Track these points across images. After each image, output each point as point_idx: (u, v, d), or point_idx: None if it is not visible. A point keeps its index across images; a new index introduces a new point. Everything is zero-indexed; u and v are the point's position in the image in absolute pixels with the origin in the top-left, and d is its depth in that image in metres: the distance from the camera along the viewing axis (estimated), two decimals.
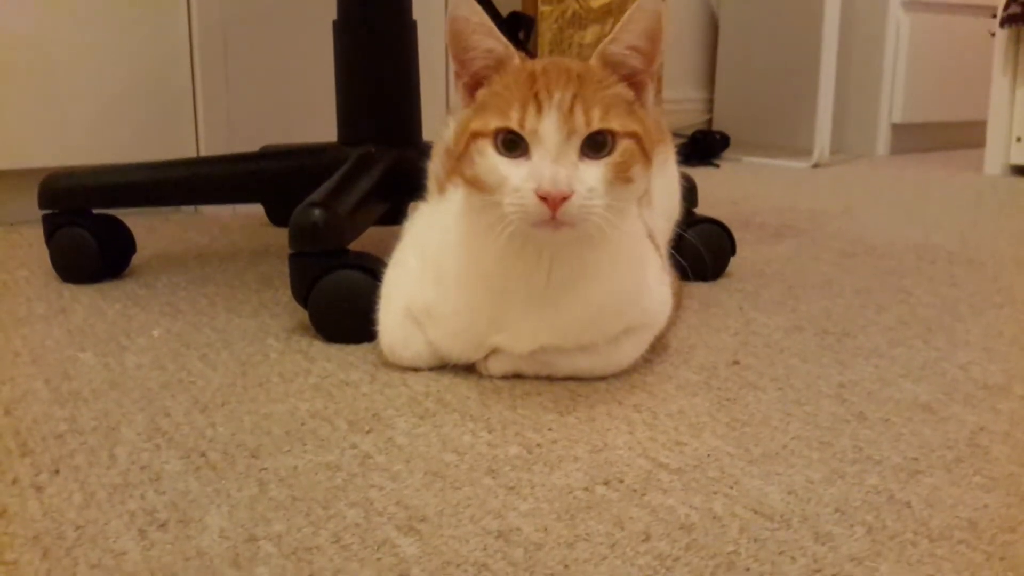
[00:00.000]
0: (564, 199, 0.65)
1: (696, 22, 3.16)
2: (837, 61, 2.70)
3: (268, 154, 1.42)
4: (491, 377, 0.79)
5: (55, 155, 1.50)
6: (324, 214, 0.90)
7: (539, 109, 0.67)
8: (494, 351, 0.79)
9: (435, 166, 0.92)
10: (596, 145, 0.68)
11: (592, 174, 0.67)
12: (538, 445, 0.67)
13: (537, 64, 0.71)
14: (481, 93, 0.72)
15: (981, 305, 1.08)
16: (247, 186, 1.29)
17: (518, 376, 0.79)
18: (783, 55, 2.91)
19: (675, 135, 2.68)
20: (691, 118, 3.11)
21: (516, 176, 0.67)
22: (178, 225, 1.58)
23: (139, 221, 1.33)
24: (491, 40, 0.71)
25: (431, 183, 0.91)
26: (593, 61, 0.71)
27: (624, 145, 0.69)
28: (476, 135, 0.69)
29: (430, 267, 0.80)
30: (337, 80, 1.24)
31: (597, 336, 0.78)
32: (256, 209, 1.64)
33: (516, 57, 0.71)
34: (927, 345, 0.92)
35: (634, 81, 0.71)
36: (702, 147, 2.75)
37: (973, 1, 2.95)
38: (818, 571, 0.50)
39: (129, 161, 1.25)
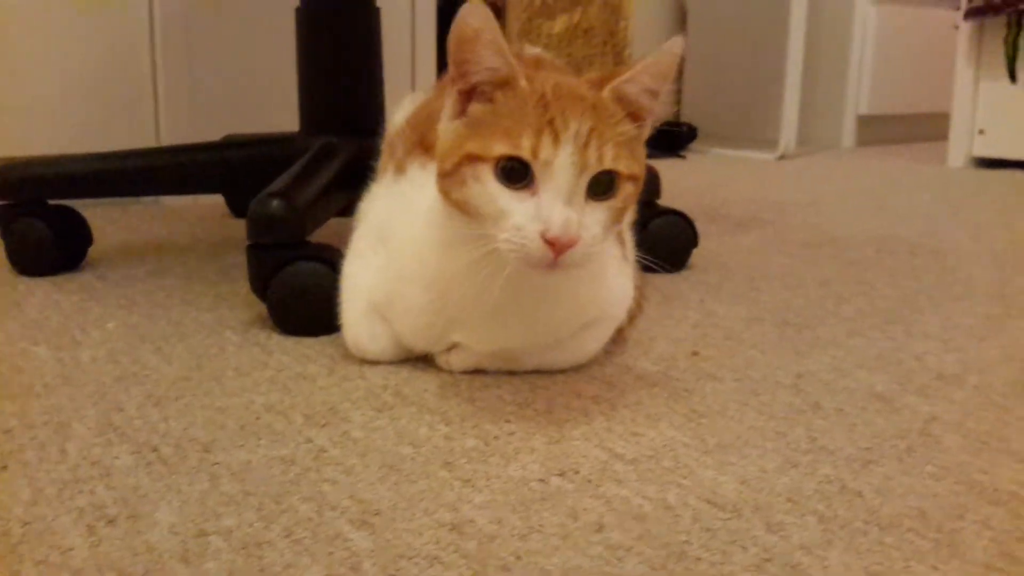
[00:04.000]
0: (571, 246, 0.62)
1: (665, 13, 3.16)
2: (804, 53, 2.73)
3: (229, 144, 1.40)
4: (451, 372, 0.79)
5: (10, 144, 1.48)
6: (283, 205, 0.89)
7: (555, 139, 0.62)
8: (455, 346, 0.78)
9: (391, 141, 0.89)
10: (600, 185, 0.64)
11: (595, 218, 0.64)
12: (495, 437, 0.66)
13: (546, 86, 0.65)
14: (477, 109, 0.67)
15: (940, 297, 1.10)
16: (208, 176, 1.27)
17: (479, 370, 0.79)
18: (750, 47, 2.93)
19: None
20: (658, 109, 3.12)
21: (520, 213, 0.62)
22: (137, 216, 1.56)
23: (97, 212, 1.31)
24: (498, 58, 0.65)
25: (384, 159, 0.89)
26: (605, 94, 0.66)
27: (625, 189, 0.65)
28: (473, 158, 0.64)
29: (393, 262, 0.78)
30: (299, 69, 1.23)
31: (560, 335, 0.78)
32: (217, 200, 1.62)
33: (522, 78, 0.65)
34: (885, 336, 0.93)
35: (637, 116, 0.67)
36: (669, 138, 2.76)
37: None
38: (768, 560, 0.50)
39: (87, 151, 1.23)
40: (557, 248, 0.61)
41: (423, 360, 0.80)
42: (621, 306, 0.84)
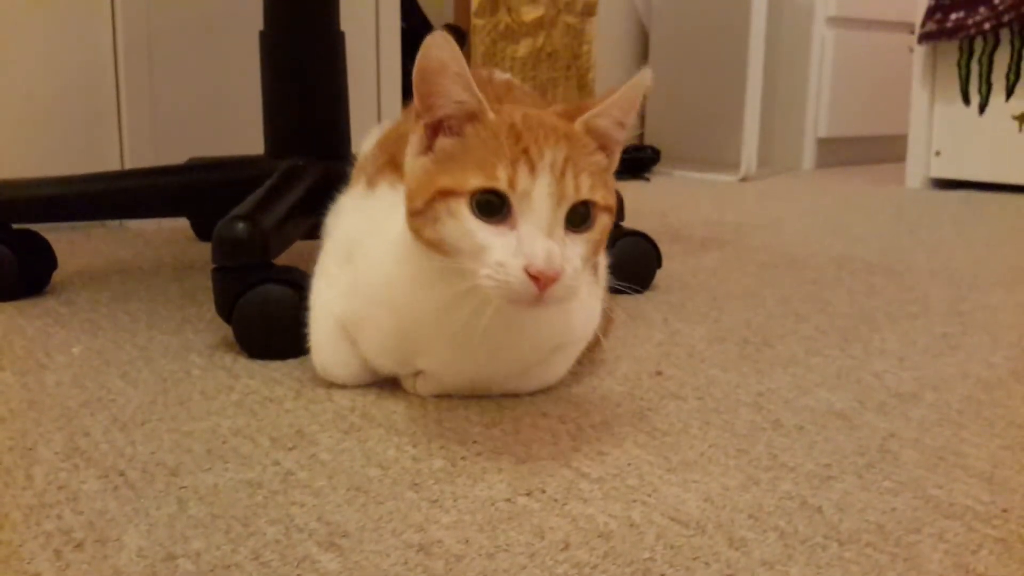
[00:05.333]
0: (555, 279, 0.60)
1: (627, 37, 3.21)
2: (763, 76, 2.77)
3: (194, 167, 1.40)
4: (418, 395, 0.79)
5: None
6: (248, 227, 0.90)
7: (532, 169, 0.61)
8: (422, 371, 0.78)
9: (361, 165, 0.89)
10: (577, 216, 0.63)
11: (576, 251, 0.63)
12: (462, 458, 0.67)
13: (515, 116, 0.65)
14: (445, 143, 0.65)
15: (897, 315, 1.12)
16: (172, 199, 1.27)
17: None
18: (712, 70, 2.98)
19: None
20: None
21: (500, 248, 0.61)
22: (101, 240, 1.55)
23: (61, 236, 1.30)
24: (464, 92, 0.64)
25: (357, 171, 0.88)
26: (577, 126, 0.66)
27: (602, 221, 0.65)
28: (447, 193, 0.62)
29: (362, 285, 0.76)
30: (264, 91, 1.24)
31: (528, 363, 0.78)
32: (182, 223, 1.61)
33: (489, 111, 0.64)
34: (844, 354, 0.95)
35: (606, 148, 0.67)
36: (633, 161, 2.79)
37: (894, 18, 3.05)
38: None
39: (50, 174, 1.23)
40: (542, 283, 0.60)
41: (391, 382, 0.81)
42: (589, 328, 0.84)
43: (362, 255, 0.78)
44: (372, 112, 1.95)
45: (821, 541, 0.56)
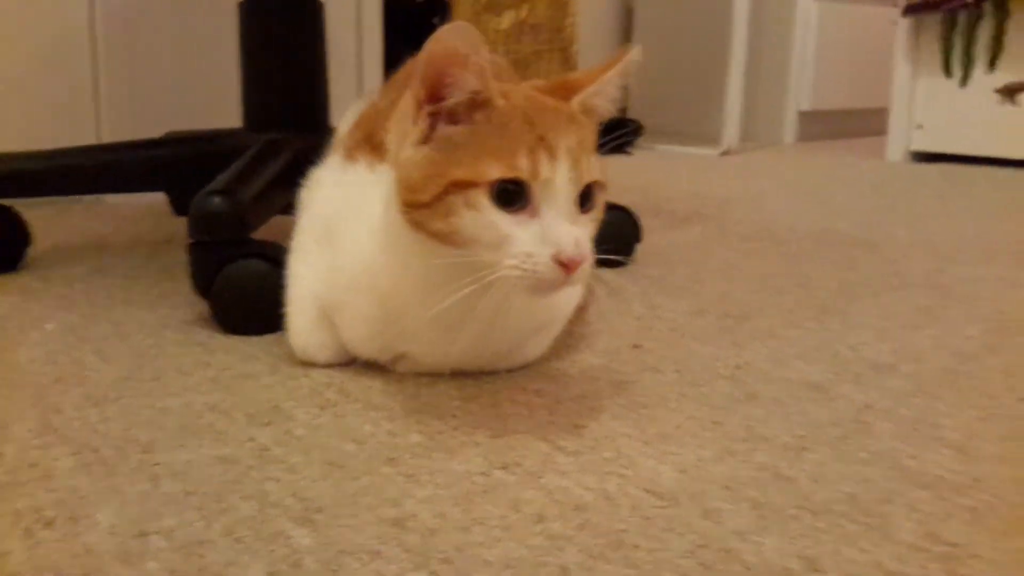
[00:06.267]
0: (582, 263, 0.61)
1: (611, 9, 3.19)
2: (747, 50, 2.77)
3: (171, 140, 1.38)
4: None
5: None
6: (225, 202, 0.89)
7: (552, 156, 0.61)
8: (403, 355, 0.77)
9: (345, 133, 0.87)
10: (585, 198, 0.63)
11: (587, 232, 0.64)
12: (439, 432, 0.67)
13: (522, 101, 0.64)
14: (449, 131, 0.64)
15: (876, 287, 1.13)
16: (149, 174, 1.26)
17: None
18: (695, 44, 2.96)
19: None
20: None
21: (526, 238, 0.61)
22: (78, 215, 1.54)
23: (36, 212, 1.28)
24: (479, 80, 0.62)
25: (336, 145, 0.87)
26: (575, 105, 0.66)
27: (601, 198, 0.65)
28: (462, 185, 0.61)
29: (343, 270, 0.75)
30: (242, 64, 1.22)
31: (512, 345, 0.77)
32: (159, 198, 1.59)
33: (499, 98, 0.63)
34: (822, 326, 0.95)
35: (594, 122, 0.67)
36: (615, 135, 2.78)
37: None
38: (703, 546, 0.52)
39: (26, 149, 1.21)
40: (570, 269, 0.60)
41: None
42: (570, 305, 0.84)
43: (342, 239, 0.76)
44: (352, 86, 1.93)
45: (794, 511, 0.56)
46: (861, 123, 3.30)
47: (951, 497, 0.58)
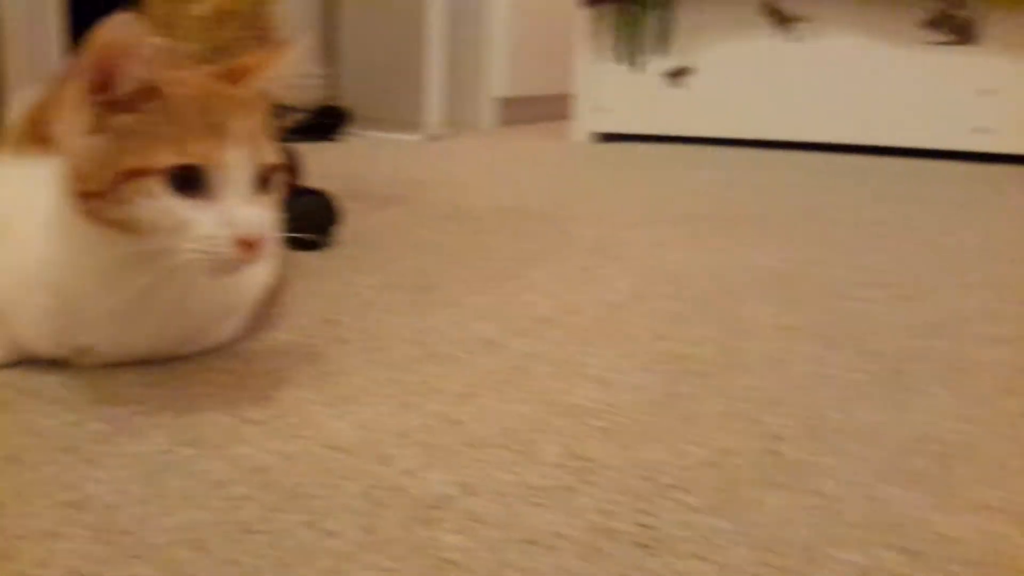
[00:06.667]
0: (262, 243, 0.63)
1: None
2: (446, 39, 2.88)
3: None
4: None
5: None
6: None
7: (224, 140, 0.62)
8: (86, 348, 0.76)
9: (12, 124, 0.84)
10: (262, 180, 0.65)
11: (267, 213, 0.66)
12: (121, 418, 0.67)
13: (189, 88, 0.65)
14: (122, 120, 0.64)
15: (550, 254, 1.25)
16: None
17: None
18: (398, 31, 3.04)
19: (297, 111, 2.70)
20: (314, 93, 3.14)
21: (205, 221, 0.62)
22: None
23: None
24: (146, 69, 0.63)
25: (5, 136, 0.84)
26: (247, 89, 0.68)
27: (279, 180, 0.68)
28: (138, 173, 0.62)
29: (11, 267, 0.73)
30: None
31: (199, 331, 0.79)
32: None
33: (170, 84, 0.64)
34: (499, 290, 1.05)
35: (266, 106, 0.70)
36: (323, 123, 2.80)
37: None
38: (375, 486, 0.57)
39: None
40: (251, 249, 0.63)
41: None
42: (258, 286, 0.86)
43: (12, 235, 0.74)
44: (31, 71, 1.80)
45: (458, 448, 0.63)
46: (557, 108, 3.53)
47: (589, 421, 0.68)
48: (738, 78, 2.71)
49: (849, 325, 0.94)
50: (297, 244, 1.09)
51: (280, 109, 0.74)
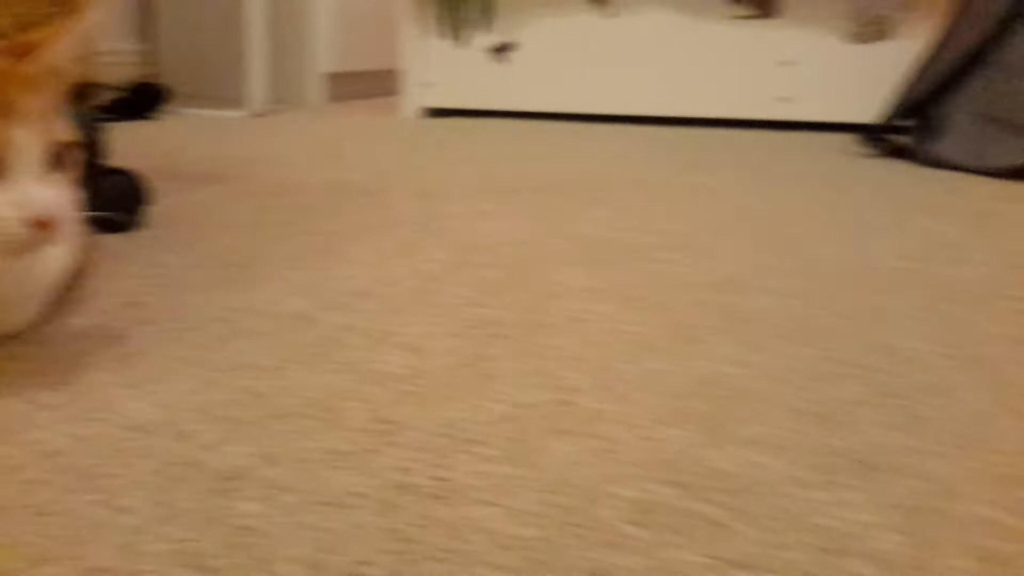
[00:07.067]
0: (58, 223, 0.62)
1: None
2: (269, 11, 2.81)
3: None
4: None
5: None
6: None
7: (9, 119, 0.60)
8: None
9: None
10: (55, 158, 0.64)
11: (62, 193, 0.64)
12: None
13: None
14: None
15: (373, 229, 1.26)
16: None
17: None
18: (218, 5, 2.94)
19: (112, 88, 2.57)
20: (128, 70, 3.00)
21: None
22: None
23: None
24: None
25: None
26: (33, 66, 0.65)
27: (75, 157, 0.66)
28: None
29: None
30: None
31: None
32: None
33: None
34: (318, 265, 1.05)
35: (61, 82, 0.68)
36: (139, 101, 2.68)
37: None
38: (171, 463, 0.57)
39: None
40: (46, 229, 0.61)
41: None
42: (57, 270, 0.83)
43: None
44: None
45: (262, 419, 0.64)
46: (386, 83, 3.52)
47: (399, 387, 0.71)
48: (559, 53, 2.79)
49: (648, 284, 1.00)
50: (103, 226, 1.05)
51: (90, 87, 0.72)
